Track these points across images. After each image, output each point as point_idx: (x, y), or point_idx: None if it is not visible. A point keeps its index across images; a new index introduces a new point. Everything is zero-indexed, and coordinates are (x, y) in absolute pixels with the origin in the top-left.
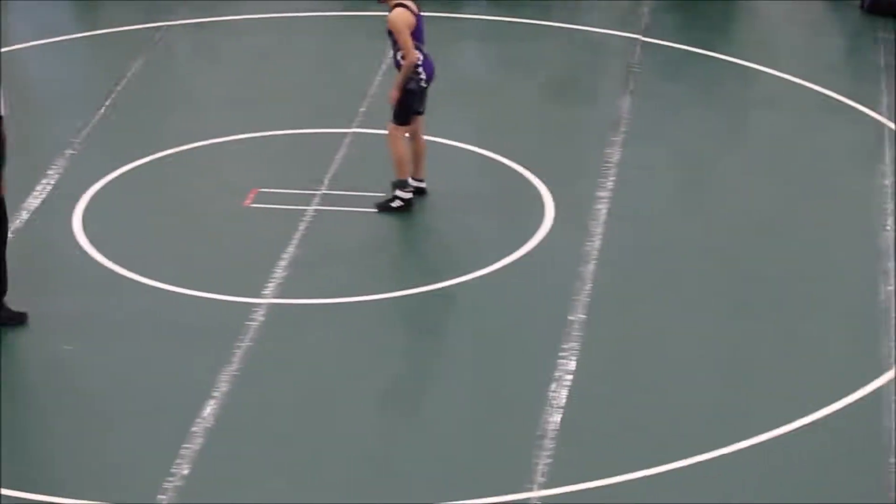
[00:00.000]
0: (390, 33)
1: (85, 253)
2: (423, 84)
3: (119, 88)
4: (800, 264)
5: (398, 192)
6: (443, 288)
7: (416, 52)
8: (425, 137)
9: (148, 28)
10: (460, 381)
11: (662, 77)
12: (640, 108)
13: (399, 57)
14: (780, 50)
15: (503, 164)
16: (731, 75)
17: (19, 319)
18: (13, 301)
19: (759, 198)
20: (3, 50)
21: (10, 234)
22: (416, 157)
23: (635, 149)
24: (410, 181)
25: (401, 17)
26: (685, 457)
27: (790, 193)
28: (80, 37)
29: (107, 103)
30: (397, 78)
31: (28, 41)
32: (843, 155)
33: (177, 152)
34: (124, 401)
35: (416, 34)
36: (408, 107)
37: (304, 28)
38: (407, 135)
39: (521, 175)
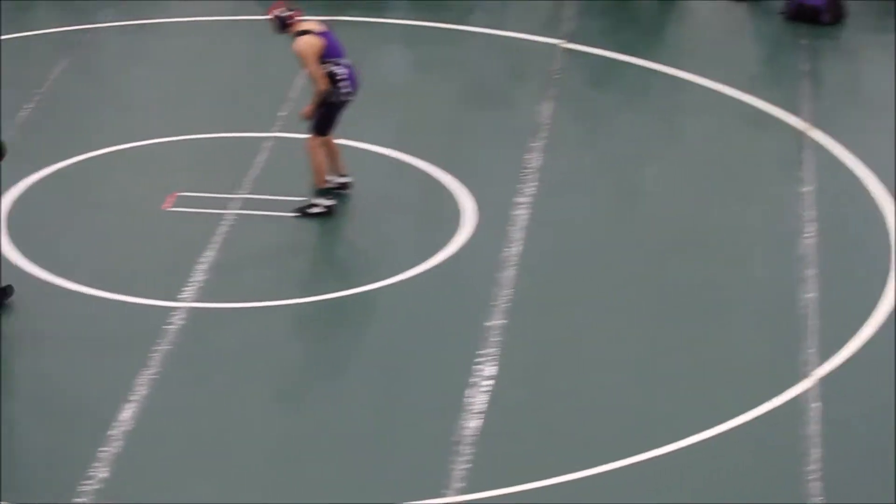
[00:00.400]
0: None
1: (4, 256)
2: (346, 98)
3: (43, 90)
4: (720, 271)
5: (318, 199)
6: (361, 293)
7: (336, 68)
8: (340, 141)
9: (75, 30)
10: (376, 385)
11: (585, 83)
12: (561, 114)
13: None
14: (703, 57)
15: (423, 168)
16: (654, 82)
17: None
18: None
19: (681, 205)
20: None
21: None
22: (332, 156)
23: (556, 155)
24: (335, 179)
25: (305, 47)
26: (603, 462)
27: (711, 200)
28: (6, 38)
29: (30, 105)
30: (313, 99)
31: None
32: (764, 162)
33: (99, 155)
34: (41, 404)
35: (331, 51)
36: (329, 119)
37: (229, 32)
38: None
39: (440, 180)
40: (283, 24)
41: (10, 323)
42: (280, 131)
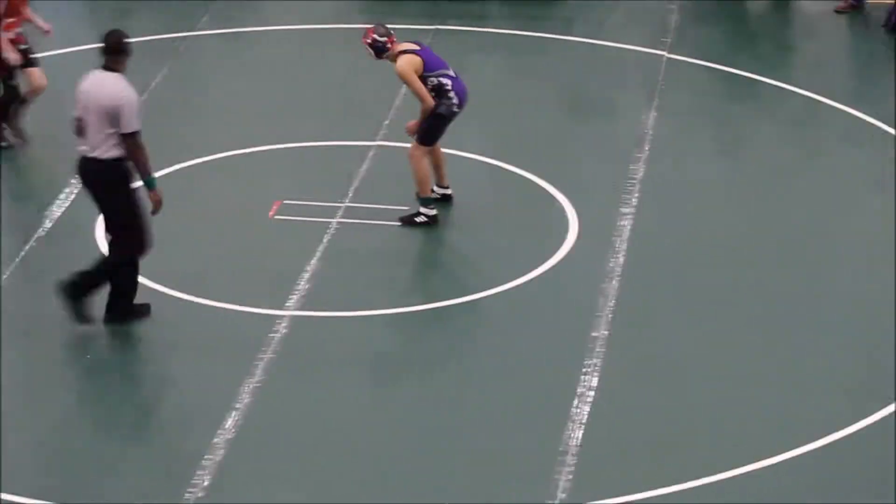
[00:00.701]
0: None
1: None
2: (455, 109)
3: (143, 98)
4: (820, 284)
5: (422, 209)
6: (466, 302)
7: (443, 80)
8: (444, 150)
9: (172, 38)
10: (482, 395)
11: (687, 93)
12: (665, 125)
13: (429, 91)
14: (805, 67)
15: (527, 178)
16: (758, 92)
17: (143, 312)
18: (43, 305)
19: (783, 217)
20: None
21: (33, 244)
22: (436, 166)
23: (659, 166)
24: (436, 189)
25: (406, 66)
26: (705, 474)
27: (814, 213)
28: None
29: None
30: (420, 115)
31: (54, 49)
32: (867, 176)
33: (200, 163)
34: (147, 411)
35: (433, 64)
36: (436, 130)
37: (330, 40)
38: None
39: (544, 190)
40: (381, 49)
41: (117, 330)
42: (384, 140)
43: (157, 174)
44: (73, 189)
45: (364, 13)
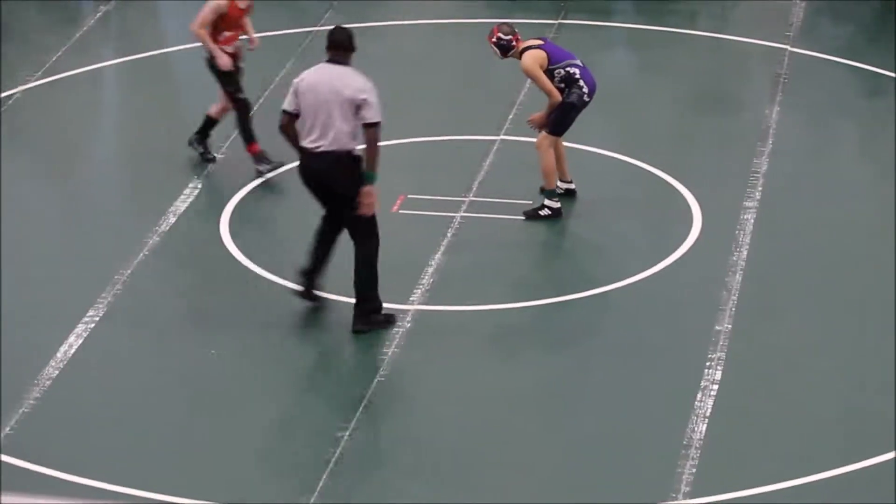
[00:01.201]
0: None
1: (232, 257)
2: (586, 98)
3: (267, 93)
4: None
5: (546, 202)
6: (590, 296)
7: (571, 69)
8: (568, 144)
9: (296, 33)
10: (606, 388)
11: (811, 87)
12: (788, 119)
13: (558, 83)
14: None
15: (650, 171)
16: (881, 87)
17: (390, 321)
18: (166, 303)
19: None
20: (156, 52)
21: (156, 238)
22: (558, 160)
23: (783, 159)
24: (559, 184)
25: (530, 62)
26: (829, 468)
27: None
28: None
29: (255, 108)
30: (545, 109)
31: (181, 44)
32: None
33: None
34: (268, 405)
35: (558, 56)
36: (567, 119)
37: (453, 34)
38: None
39: (667, 183)
40: (506, 48)
41: (240, 326)
42: (507, 135)
43: (281, 169)
44: (196, 185)
45: (489, 8)
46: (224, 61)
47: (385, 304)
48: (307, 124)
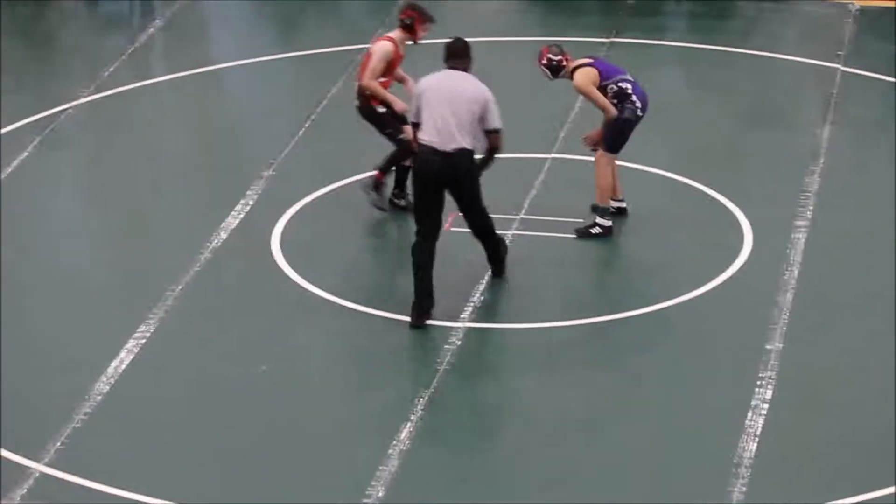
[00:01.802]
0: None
1: (283, 273)
2: (640, 113)
3: (319, 110)
4: None
5: (598, 220)
6: (641, 314)
7: (623, 84)
8: (619, 163)
9: (346, 50)
10: (657, 406)
11: (862, 107)
12: (840, 138)
13: (611, 98)
14: None
15: (700, 190)
16: None
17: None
18: (216, 319)
19: None
20: (207, 68)
21: (208, 254)
22: (612, 178)
23: (834, 179)
24: (611, 203)
25: (583, 79)
26: (880, 488)
27: None
28: (282, 57)
29: (307, 125)
30: (601, 126)
31: (231, 61)
32: None
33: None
34: (321, 421)
35: (609, 73)
36: (622, 135)
37: (506, 51)
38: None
39: (718, 201)
40: (556, 69)
41: (297, 341)
42: (559, 153)
43: (330, 186)
44: (247, 202)
45: (542, 26)
46: (400, 106)
47: (436, 322)
48: (430, 124)
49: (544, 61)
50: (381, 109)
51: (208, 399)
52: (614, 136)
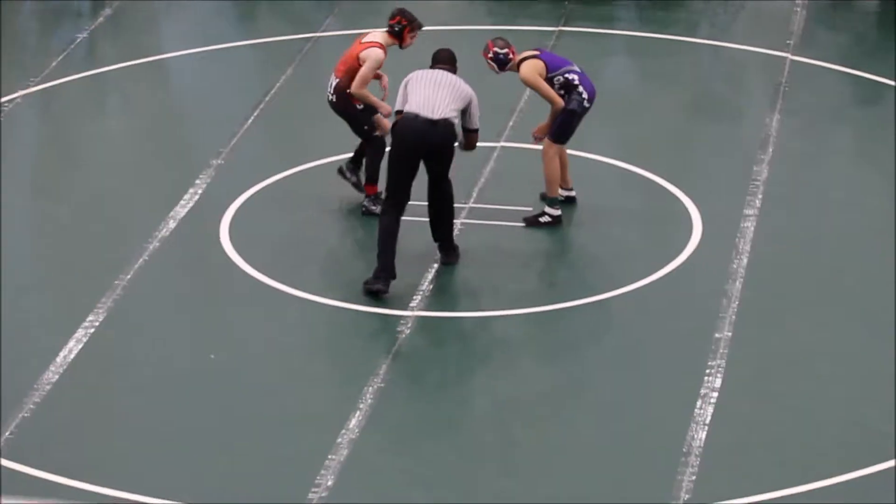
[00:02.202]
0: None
1: (232, 262)
2: (586, 104)
3: (267, 99)
4: None
5: (547, 209)
6: (589, 303)
7: (569, 76)
8: (569, 151)
9: (296, 39)
10: (605, 395)
11: (812, 96)
12: (789, 127)
13: (558, 89)
14: None
15: (650, 179)
16: (881, 96)
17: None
18: (166, 307)
19: None
20: (156, 58)
21: (156, 243)
22: (562, 168)
23: (783, 168)
24: (560, 191)
25: (529, 71)
26: (829, 476)
27: None
28: (231, 46)
29: (255, 114)
30: (548, 118)
31: (181, 50)
32: None
33: (325, 164)
34: (270, 410)
35: (555, 64)
36: (570, 126)
37: (454, 40)
38: None
39: (667, 191)
40: (503, 62)
41: (245, 330)
42: (507, 141)
43: (279, 175)
44: (196, 191)
45: (490, 15)
46: (387, 109)
47: (385, 311)
48: (415, 100)
49: (490, 55)
50: (360, 106)
51: (157, 388)
52: (561, 127)
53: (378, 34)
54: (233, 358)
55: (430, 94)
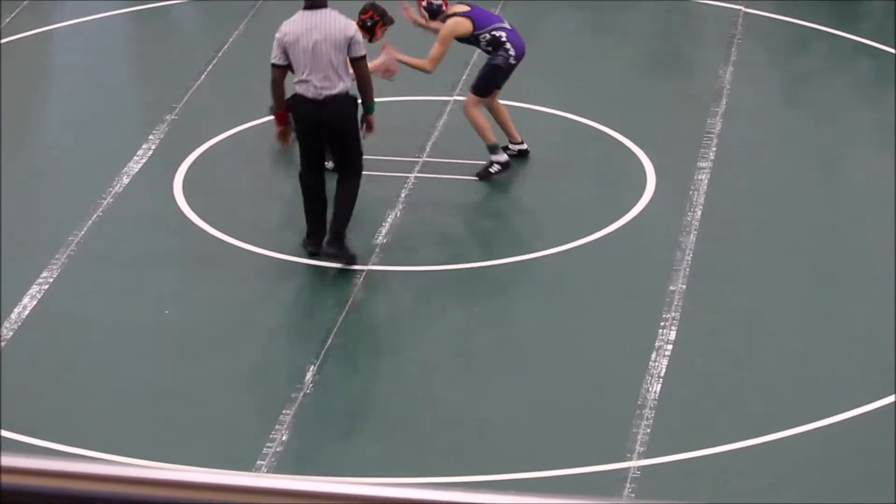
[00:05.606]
0: (463, 39)
1: (186, 217)
2: (512, 61)
3: (220, 55)
4: None
5: (493, 157)
6: (543, 256)
7: (497, 33)
8: (522, 105)
9: None
10: (558, 349)
11: (765, 48)
12: (742, 80)
13: (485, 46)
14: (887, 24)
15: (603, 132)
16: (834, 48)
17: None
18: (120, 264)
19: (863, 174)
20: (107, 14)
21: (110, 200)
22: (503, 123)
23: (737, 121)
24: (510, 146)
25: (447, 31)
26: (783, 428)
27: (892, 170)
28: (183, 2)
29: (208, 69)
30: (409, 58)
31: (132, 6)
32: None
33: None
34: (224, 366)
35: (484, 21)
36: (492, 80)
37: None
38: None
39: (621, 143)
40: (435, 12)
41: (200, 286)
42: (461, 95)
43: (232, 130)
44: (149, 146)
45: None
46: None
47: (336, 265)
48: (304, 73)
49: (424, 3)
50: None
51: (111, 345)
52: (484, 80)
53: None
54: (188, 314)
55: (317, 59)
